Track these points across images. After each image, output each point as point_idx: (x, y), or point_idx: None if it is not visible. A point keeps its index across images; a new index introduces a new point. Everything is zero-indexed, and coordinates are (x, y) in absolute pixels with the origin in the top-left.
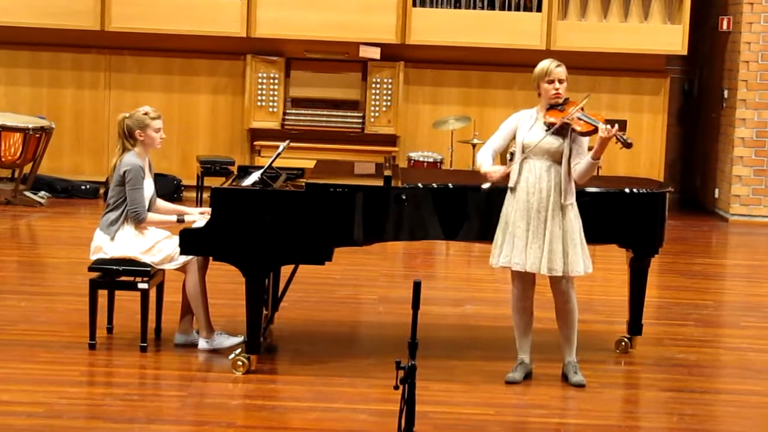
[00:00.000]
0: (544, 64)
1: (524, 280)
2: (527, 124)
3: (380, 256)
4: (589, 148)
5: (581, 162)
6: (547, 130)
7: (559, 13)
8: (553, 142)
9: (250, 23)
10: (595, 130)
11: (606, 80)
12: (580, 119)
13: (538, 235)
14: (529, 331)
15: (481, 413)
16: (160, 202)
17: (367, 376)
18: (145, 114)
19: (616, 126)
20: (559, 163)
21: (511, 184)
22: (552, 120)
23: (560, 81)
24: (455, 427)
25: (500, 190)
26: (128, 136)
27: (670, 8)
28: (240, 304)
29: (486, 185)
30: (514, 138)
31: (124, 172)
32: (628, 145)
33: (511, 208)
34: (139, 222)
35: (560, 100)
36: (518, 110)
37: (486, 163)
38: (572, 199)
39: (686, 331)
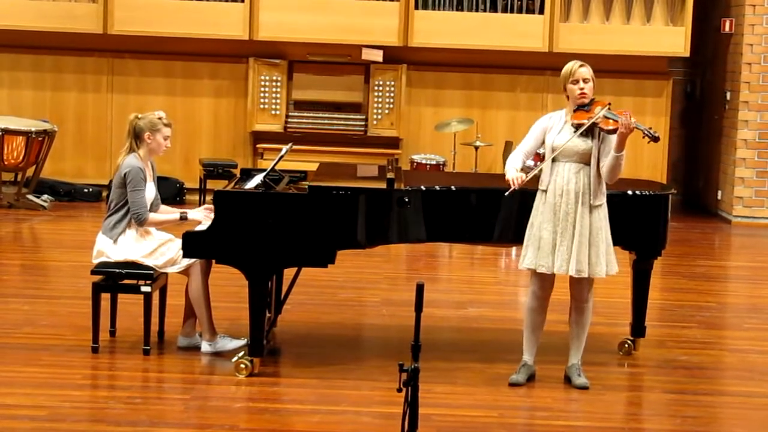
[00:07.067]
0: (568, 66)
1: (544, 281)
2: (557, 127)
3: (383, 258)
4: None
5: (606, 160)
6: (574, 132)
7: (561, 15)
8: (581, 143)
9: (253, 26)
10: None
11: (608, 82)
12: (606, 118)
13: (566, 236)
14: (539, 331)
15: (485, 416)
16: (163, 208)
17: (370, 379)
18: (159, 119)
19: (633, 119)
20: (588, 164)
21: (542, 186)
22: (579, 121)
23: (585, 80)
24: (458, 429)
25: (500, 193)
26: (136, 137)
27: (672, 10)
28: (243, 307)
29: (508, 192)
30: (544, 140)
31: (125, 174)
32: (654, 138)
33: (539, 210)
34: (141, 223)
35: (586, 100)
36: (521, 112)
37: (512, 168)
38: (602, 200)
39: (689, 333)
